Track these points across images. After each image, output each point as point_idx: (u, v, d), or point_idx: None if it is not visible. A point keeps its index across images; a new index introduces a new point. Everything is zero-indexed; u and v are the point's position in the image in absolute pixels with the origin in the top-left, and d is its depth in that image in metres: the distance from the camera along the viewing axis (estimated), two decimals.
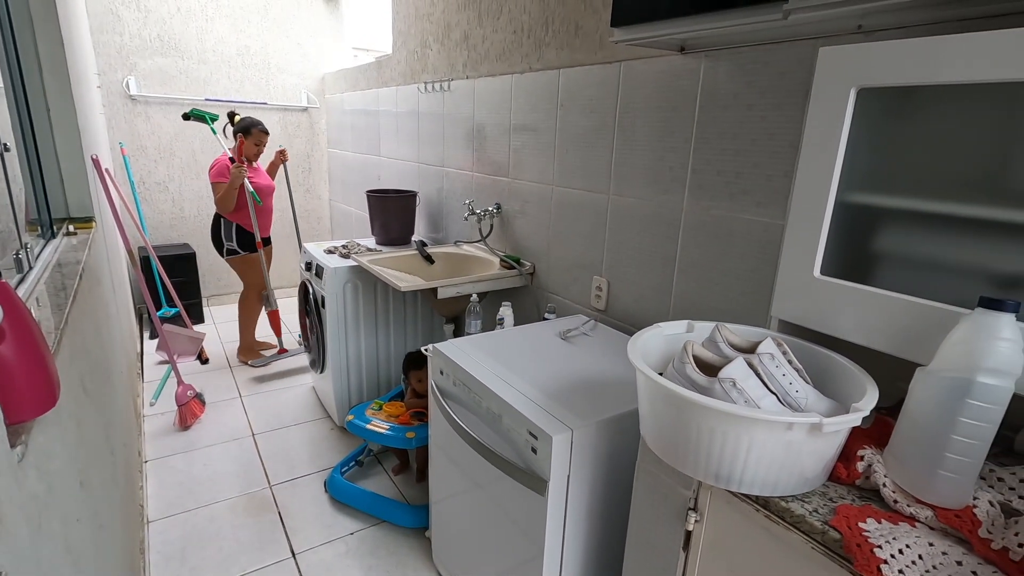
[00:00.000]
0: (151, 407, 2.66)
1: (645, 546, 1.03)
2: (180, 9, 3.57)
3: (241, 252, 2.97)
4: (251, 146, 2.88)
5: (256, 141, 2.89)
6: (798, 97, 1.18)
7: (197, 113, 2.96)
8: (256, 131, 2.89)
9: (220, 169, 2.82)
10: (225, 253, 2.99)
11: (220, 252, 3.01)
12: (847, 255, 0.93)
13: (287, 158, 3.16)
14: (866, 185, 0.90)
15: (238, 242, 2.95)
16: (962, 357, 0.71)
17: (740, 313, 1.37)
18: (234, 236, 2.94)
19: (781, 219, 1.25)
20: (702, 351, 0.92)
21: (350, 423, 2.01)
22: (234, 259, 3.00)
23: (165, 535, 1.85)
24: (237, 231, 2.93)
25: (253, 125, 2.89)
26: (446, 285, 1.91)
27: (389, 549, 1.82)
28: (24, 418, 0.64)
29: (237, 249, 2.96)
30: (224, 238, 2.95)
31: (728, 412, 0.74)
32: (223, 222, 2.93)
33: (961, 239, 0.82)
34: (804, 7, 0.92)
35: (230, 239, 2.94)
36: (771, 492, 0.79)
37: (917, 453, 0.75)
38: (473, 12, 2.26)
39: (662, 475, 0.96)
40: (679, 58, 1.43)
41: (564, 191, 1.89)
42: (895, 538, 0.69)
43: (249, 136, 2.86)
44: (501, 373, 1.34)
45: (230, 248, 2.96)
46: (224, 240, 2.95)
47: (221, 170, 2.81)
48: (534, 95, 1.97)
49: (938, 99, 0.82)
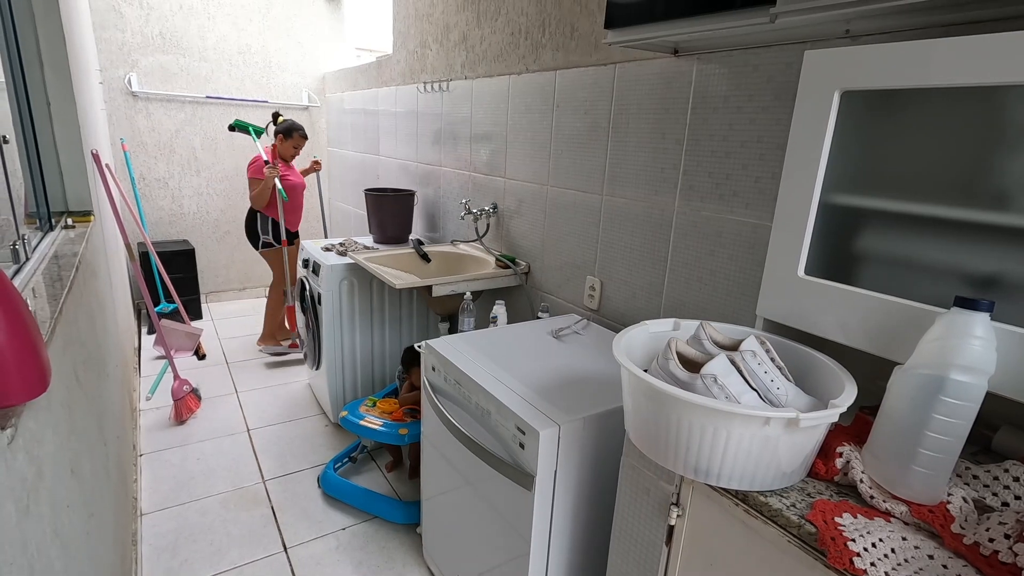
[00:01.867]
0: (147, 401, 2.67)
1: (629, 540, 1.04)
2: (182, 7, 3.60)
3: (276, 245, 3.13)
4: (288, 148, 3.06)
5: (294, 144, 3.06)
6: (786, 100, 1.20)
7: (241, 124, 3.10)
8: (296, 135, 3.06)
9: (259, 167, 2.97)
10: (260, 246, 3.13)
11: (255, 245, 3.15)
12: (830, 255, 0.94)
13: (320, 167, 3.38)
14: (849, 186, 0.91)
15: (273, 235, 3.10)
16: (937, 355, 0.72)
17: (729, 312, 1.38)
18: (270, 229, 3.10)
19: (769, 220, 1.26)
20: (686, 348, 0.93)
21: (344, 419, 2.03)
22: (268, 251, 3.15)
23: (157, 528, 1.86)
24: (272, 225, 3.09)
25: (295, 129, 3.06)
26: (441, 283, 1.92)
27: (380, 544, 1.83)
28: (13, 402, 0.65)
29: (272, 242, 3.12)
30: (260, 231, 3.10)
31: (706, 406, 0.75)
32: (259, 216, 3.08)
33: (940, 240, 0.83)
34: (791, 11, 0.94)
35: (266, 232, 3.10)
36: (749, 486, 0.80)
37: (893, 449, 0.76)
38: (472, 13, 2.28)
39: (646, 470, 0.98)
40: (672, 60, 1.44)
41: (559, 191, 1.91)
42: (869, 532, 0.70)
43: (289, 139, 3.04)
44: (492, 370, 1.35)
45: (265, 241, 3.12)
46: (260, 233, 3.11)
47: (260, 168, 2.96)
48: (530, 96, 1.98)
49: (919, 102, 0.83)
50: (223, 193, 4.01)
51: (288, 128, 3.04)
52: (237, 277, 4.23)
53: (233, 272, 4.20)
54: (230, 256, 4.14)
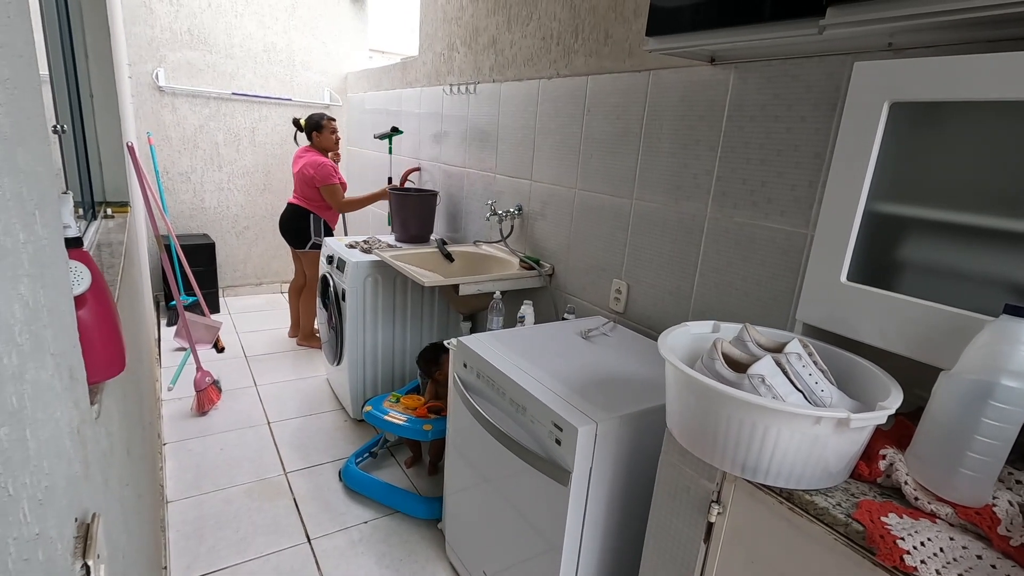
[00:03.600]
0: (168, 392, 2.70)
1: (665, 537, 1.06)
2: (211, 5, 3.65)
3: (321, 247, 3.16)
4: (328, 136, 3.08)
5: (331, 131, 3.07)
6: (824, 110, 1.22)
7: (386, 135, 3.21)
8: (326, 121, 3.07)
9: (331, 170, 3.00)
10: (309, 247, 3.14)
11: (301, 245, 3.16)
12: (873, 262, 0.96)
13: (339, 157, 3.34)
14: (895, 195, 0.93)
15: (326, 236, 3.12)
16: (986, 360, 0.74)
17: (758, 318, 1.40)
18: (323, 231, 3.13)
19: (803, 227, 1.29)
20: (731, 348, 0.95)
21: (368, 414, 2.05)
22: (315, 253, 3.13)
23: (183, 515, 1.89)
24: (325, 227, 3.13)
25: (320, 118, 3.07)
26: (468, 282, 1.95)
27: (402, 538, 1.85)
28: (99, 378, 0.68)
29: (321, 243, 3.12)
30: (313, 233, 3.12)
31: (758, 404, 0.77)
32: (312, 217, 3.10)
33: (985, 249, 0.85)
34: (840, 23, 0.96)
35: (319, 234, 3.12)
36: (795, 485, 0.82)
37: (939, 452, 0.78)
38: (503, 17, 2.32)
39: (686, 467, 1.00)
40: (708, 69, 1.47)
41: (586, 194, 1.93)
42: (916, 531, 0.72)
43: (323, 130, 3.06)
44: (524, 367, 1.37)
45: (316, 243, 3.12)
46: (313, 235, 3.12)
47: (332, 171, 3.00)
48: (560, 100, 2.01)
49: (966, 115, 0.86)
50: (244, 189, 4.05)
51: (316, 122, 3.06)
52: (254, 272, 4.27)
53: (250, 267, 4.24)
54: (248, 251, 4.18)
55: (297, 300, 3.40)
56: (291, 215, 3.14)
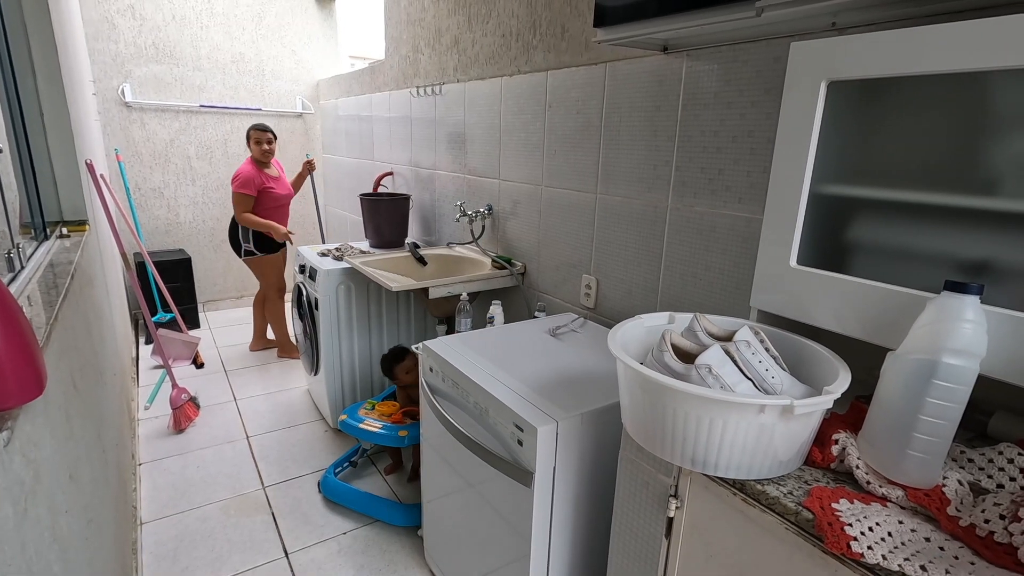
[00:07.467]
0: (145, 411, 2.66)
1: (629, 534, 1.04)
2: (175, 17, 3.61)
3: (257, 253, 3.12)
4: (253, 147, 3.03)
5: (255, 140, 3.02)
6: (775, 95, 1.20)
7: None
8: (251, 132, 3.03)
9: (244, 180, 2.96)
10: (243, 254, 3.14)
11: (238, 253, 3.16)
12: (822, 245, 0.95)
13: (314, 167, 3.35)
14: (838, 176, 0.92)
15: (255, 244, 3.10)
16: (928, 339, 0.72)
17: (724, 306, 1.39)
18: (251, 239, 3.09)
19: (761, 214, 1.27)
20: (680, 339, 0.93)
21: (343, 423, 2.02)
22: (251, 259, 3.15)
23: (158, 536, 1.85)
24: (254, 234, 3.09)
25: (250, 129, 3.04)
26: (437, 285, 1.93)
27: (381, 548, 1.83)
28: (10, 404, 0.66)
29: (254, 250, 3.12)
30: (242, 240, 3.10)
31: (701, 396, 0.76)
32: (240, 226, 3.08)
33: (929, 226, 0.84)
34: (776, 4, 0.95)
35: (247, 241, 3.10)
36: (746, 475, 0.80)
37: (887, 435, 0.76)
38: (463, 17, 2.30)
39: (643, 463, 0.98)
40: (662, 58, 1.46)
41: (553, 191, 1.91)
42: (866, 517, 0.71)
43: (249, 141, 3.03)
44: (489, 369, 1.35)
45: (247, 249, 3.12)
46: (242, 242, 3.11)
47: (244, 182, 2.95)
48: (523, 97, 1.99)
49: (906, 91, 0.84)
50: (219, 202, 4.01)
51: (247, 134, 3.05)
52: (234, 285, 4.22)
53: (230, 280, 4.20)
54: (226, 264, 4.14)
55: (261, 311, 3.37)
56: (230, 224, 3.16)
